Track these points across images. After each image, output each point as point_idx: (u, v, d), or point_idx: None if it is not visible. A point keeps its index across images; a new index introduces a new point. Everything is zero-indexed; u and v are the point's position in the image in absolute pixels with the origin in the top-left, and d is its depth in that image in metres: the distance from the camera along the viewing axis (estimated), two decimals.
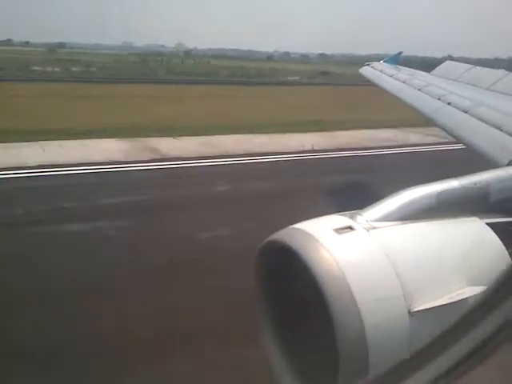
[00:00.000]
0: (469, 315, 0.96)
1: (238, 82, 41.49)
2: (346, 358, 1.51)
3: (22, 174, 11.45)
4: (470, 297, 1.56)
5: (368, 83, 9.28)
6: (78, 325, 5.50)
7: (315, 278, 1.55)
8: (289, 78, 53.80)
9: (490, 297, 0.94)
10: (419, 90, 6.09)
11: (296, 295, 1.80)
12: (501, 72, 5.73)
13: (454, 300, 1.55)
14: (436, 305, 1.54)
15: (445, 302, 1.55)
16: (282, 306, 1.87)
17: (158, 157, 14.01)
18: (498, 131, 3.51)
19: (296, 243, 1.65)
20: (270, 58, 73.87)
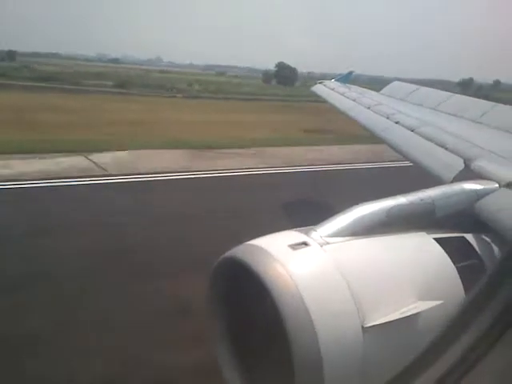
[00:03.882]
0: (464, 314, 0.95)
1: None
2: (301, 373, 1.51)
3: None
4: (421, 312, 1.60)
5: None
6: None
7: (270, 294, 1.54)
8: None
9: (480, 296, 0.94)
10: (369, 108, 6.28)
11: (252, 311, 1.78)
12: (445, 93, 6.02)
13: (405, 315, 1.59)
14: (389, 320, 1.57)
15: (397, 317, 1.58)
16: (238, 322, 1.84)
17: None
18: (442, 149, 3.66)
19: (252, 259, 1.64)
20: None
